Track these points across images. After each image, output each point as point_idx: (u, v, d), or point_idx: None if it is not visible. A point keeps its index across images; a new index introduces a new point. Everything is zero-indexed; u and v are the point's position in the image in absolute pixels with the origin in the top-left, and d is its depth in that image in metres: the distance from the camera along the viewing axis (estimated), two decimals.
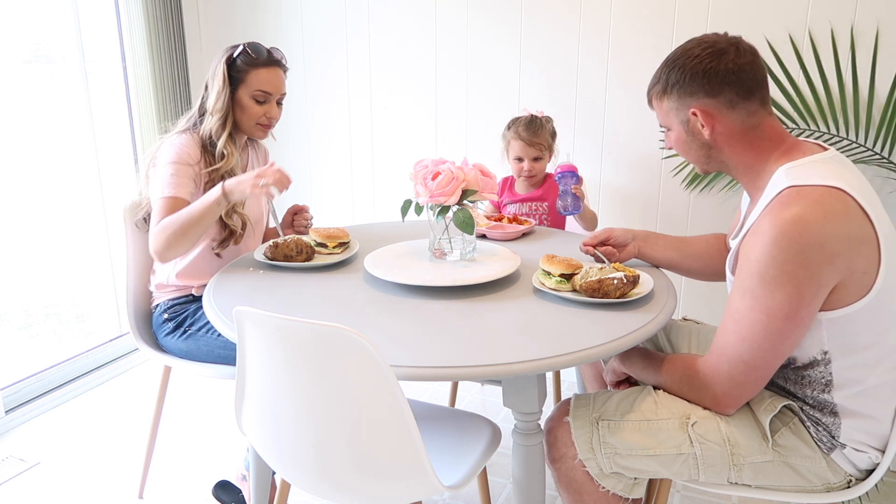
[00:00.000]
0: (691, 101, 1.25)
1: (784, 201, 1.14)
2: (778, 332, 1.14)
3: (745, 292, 1.16)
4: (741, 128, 1.24)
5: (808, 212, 1.10)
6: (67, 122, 2.70)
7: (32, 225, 2.80)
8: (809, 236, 1.09)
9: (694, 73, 1.23)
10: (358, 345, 1.04)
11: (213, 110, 1.81)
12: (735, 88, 1.21)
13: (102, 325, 2.91)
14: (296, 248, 1.67)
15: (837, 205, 1.11)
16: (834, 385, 1.21)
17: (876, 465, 1.26)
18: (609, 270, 1.42)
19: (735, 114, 1.23)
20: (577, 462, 1.28)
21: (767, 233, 1.12)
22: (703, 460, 1.24)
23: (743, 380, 1.20)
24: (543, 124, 2.14)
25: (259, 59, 1.81)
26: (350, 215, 2.89)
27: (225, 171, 1.80)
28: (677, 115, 1.28)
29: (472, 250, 1.65)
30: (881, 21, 1.99)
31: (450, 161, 1.57)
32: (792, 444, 1.24)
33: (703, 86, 1.22)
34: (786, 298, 1.12)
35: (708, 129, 1.25)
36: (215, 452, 2.22)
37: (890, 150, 1.97)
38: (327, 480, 1.22)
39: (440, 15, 2.54)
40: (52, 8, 2.58)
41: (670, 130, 1.33)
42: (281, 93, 1.87)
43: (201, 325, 1.78)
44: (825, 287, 1.12)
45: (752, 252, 1.15)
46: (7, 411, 2.37)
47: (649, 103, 1.35)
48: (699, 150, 1.30)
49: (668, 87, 1.27)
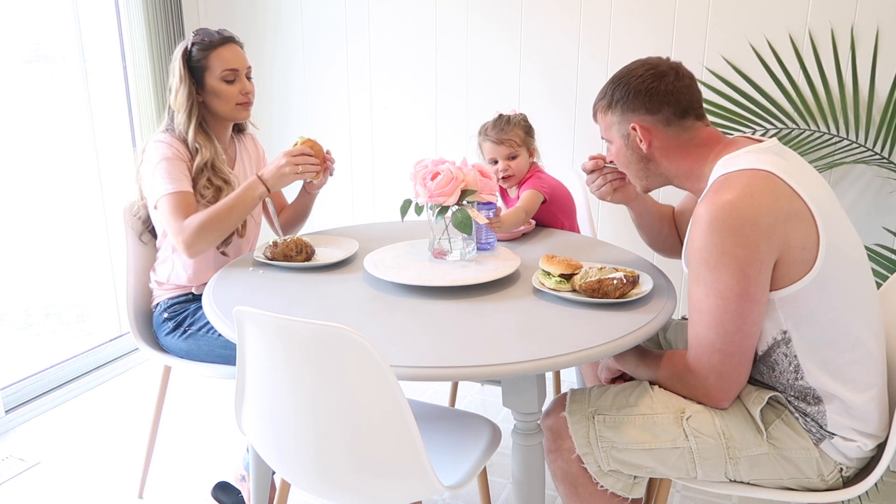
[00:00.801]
0: (632, 117, 1.35)
1: (715, 188, 1.21)
2: (736, 313, 1.18)
3: (698, 281, 1.21)
4: (677, 141, 1.34)
5: (736, 194, 1.17)
6: (67, 122, 2.70)
7: (32, 225, 2.80)
8: (739, 215, 1.15)
9: (637, 91, 1.33)
10: (358, 345, 1.04)
11: (176, 107, 1.80)
12: (672, 108, 1.32)
13: (102, 324, 2.91)
14: (296, 248, 1.67)
15: (763, 184, 1.18)
16: (803, 368, 1.24)
17: (867, 455, 1.28)
18: (609, 270, 1.42)
19: (671, 130, 1.33)
20: (573, 456, 1.29)
21: (703, 219, 1.18)
22: (699, 454, 1.25)
23: (723, 368, 1.23)
24: (511, 121, 2.01)
25: (213, 41, 1.80)
26: (350, 215, 2.89)
27: (203, 165, 1.79)
28: (619, 129, 1.38)
29: (471, 250, 1.65)
30: (881, 21, 1.99)
31: (449, 161, 1.58)
32: (786, 435, 1.26)
33: (644, 103, 1.33)
34: (732, 278, 1.17)
35: (646, 144, 1.35)
36: (215, 452, 2.22)
37: (890, 150, 1.97)
38: (327, 480, 1.22)
39: (440, 15, 2.54)
40: (52, 8, 2.58)
41: (612, 144, 1.43)
42: (246, 66, 1.86)
43: (201, 324, 1.78)
44: (767, 263, 1.17)
45: (694, 241, 1.21)
46: (7, 411, 2.38)
47: (594, 117, 1.46)
48: (638, 163, 1.39)
49: (612, 103, 1.37)
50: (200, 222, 1.69)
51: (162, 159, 1.75)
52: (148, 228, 1.92)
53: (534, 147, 2.07)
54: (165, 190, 1.72)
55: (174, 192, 1.72)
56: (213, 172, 1.80)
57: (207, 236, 1.70)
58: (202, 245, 1.71)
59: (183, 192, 1.73)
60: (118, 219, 1.93)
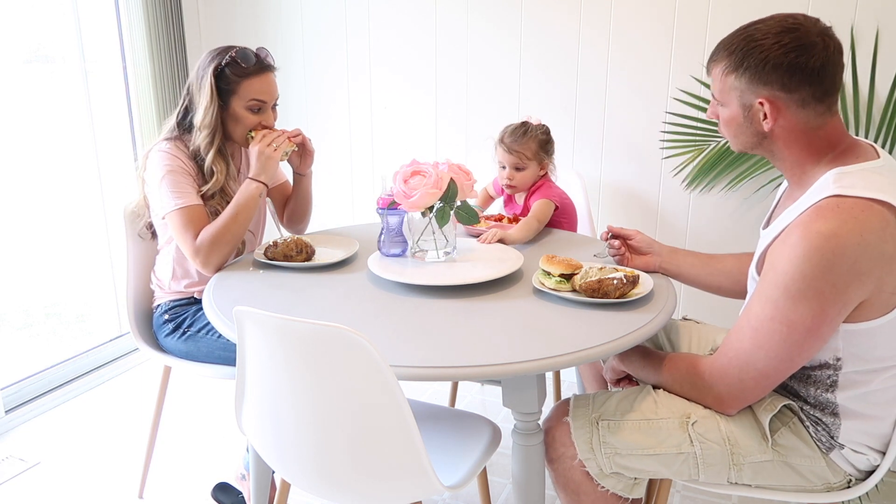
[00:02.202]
0: (762, 90, 1.16)
1: (821, 212, 1.10)
2: (796, 345, 1.13)
3: (768, 301, 1.13)
4: (804, 127, 1.17)
5: (843, 228, 1.06)
6: (67, 122, 2.70)
7: (33, 225, 2.80)
8: (841, 252, 1.06)
9: (777, 64, 1.13)
10: (358, 345, 1.04)
11: (200, 126, 1.74)
12: (813, 89, 1.14)
13: (102, 324, 2.91)
14: (296, 248, 1.67)
15: (875, 221, 1.07)
16: (839, 386, 1.21)
17: (874, 467, 1.26)
18: (609, 270, 1.42)
19: (803, 113, 1.16)
20: (576, 462, 1.28)
21: (799, 245, 1.08)
22: (703, 459, 1.24)
23: (752, 385, 1.20)
24: (528, 133, 1.98)
25: (250, 68, 1.74)
26: (350, 215, 2.89)
27: (216, 190, 1.76)
28: (741, 96, 1.19)
29: (452, 250, 1.65)
30: (881, 21, 1.99)
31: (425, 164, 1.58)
32: (791, 443, 1.24)
33: (780, 78, 1.13)
34: (809, 313, 1.10)
35: (771, 121, 1.17)
36: (215, 452, 2.22)
37: (890, 150, 1.97)
38: (327, 480, 1.22)
39: (440, 15, 2.54)
40: (52, 8, 2.58)
41: (724, 106, 1.23)
42: (275, 98, 1.82)
43: (201, 325, 1.78)
44: (850, 304, 1.11)
45: (779, 262, 1.12)
46: (7, 411, 2.37)
47: (707, 69, 1.26)
48: (751, 136, 1.22)
49: (740, 67, 1.17)
50: (212, 239, 1.67)
51: (167, 173, 1.71)
52: (149, 229, 1.91)
53: (547, 161, 2.03)
54: (174, 205, 1.69)
55: (182, 208, 1.69)
56: (223, 196, 1.78)
57: (221, 249, 1.69)
58: (218, 260, 1.69)
59: (190, 207, 1.70)
60: (118, 219, 1.93)
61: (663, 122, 2.31)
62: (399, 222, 1.65)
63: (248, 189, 1.73)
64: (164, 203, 1.71)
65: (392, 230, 1.66)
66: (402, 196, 1.54)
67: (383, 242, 1.67)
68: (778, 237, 1.17)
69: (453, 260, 1.63)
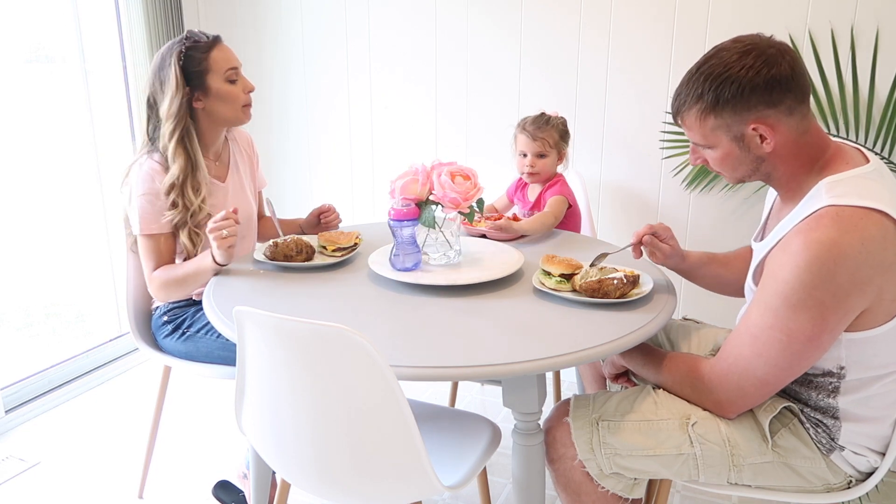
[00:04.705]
0: (749, 116, 1.15)
1: (821, 222, 1.09)
2: (796, 354, 1.14)
3: (768, 310, 1.13)
4: (796, 134, 1.17)
5: (844, 237, 1.06)
6: (68, 122, 2.70)
7: (33, 225, 2.80)
8: (842, 262, 1.06)
9: (754, 86, 1.13)
10: (358, 345, 1.04)
11: (167, 115, 1.70)
12: (794, 94, 1.14)
13: (102, 325, 2.91)
14: (296, 248, 1.67)
15: (875, 230, 1.07)
16: (840, 392, 1.21)
17: (874, 468, 1.26)
18: (609, 270, 1.42)
19: (793, 120, 1.16)
20: (576, 462, 1.28)
21: (799, 254, 1.08)
22: (703, 461, 1.24)
23: (752, 392, 1.20)
24: (550, 122, 2.05)
25: (209, 41, 1.74)
26: (350, 215, 2.89)
27: (172, 183, 1.69)
28: (729, 131, 1.18)
29: (457, 254, 1.63)
30: (881, 21, 1.99)
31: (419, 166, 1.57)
32: (792, 445, 1.24)
33: (763, 97, 1.14)
34: (809, 322, 1.10)
35: (771, 142, 1.16)
36: (215, 452, 2.22)
37: (890, 150, 1.97)
38: (327, 480, 1.22)
39: (440, 15, 2.54)
40: (52, 8, 2.58)
41: (711, 148, 1.22)
42: (240, 63, 1.81)
43: (200, 326, 1.78)
44: (851, 313, 1.11)
45: (779, 271, 1.11)
46: (7, 411, 2.37)
47: (678, 120, 1.25)
48: (751, 163, 1.21)
49: (717, 104, 1.16)
50: (162, 283, 1.73)
51: (142, 194, 1.70)
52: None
53: (565, 152, 2.10)
54: (140, 230, 1.73)
55: (147, 236, 1.73)
56: (181, 192, 1.72)
57: (170, 294, 1.76)
58: (165, 299, 1.79)
59: (154, 237, 1.73)
60: (118, 219, 1.93)
61: (663, 122, 2.31)
62: (412, 233, 1.56)
63: (204, 262, 1.65)
64: (133, 223, 1.75)
65: (405, 241, 1.56)
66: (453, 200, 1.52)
67: (396, 257, 1.56)
68: (776, 246, 1.17)
69: (458, 264, 1.63)
